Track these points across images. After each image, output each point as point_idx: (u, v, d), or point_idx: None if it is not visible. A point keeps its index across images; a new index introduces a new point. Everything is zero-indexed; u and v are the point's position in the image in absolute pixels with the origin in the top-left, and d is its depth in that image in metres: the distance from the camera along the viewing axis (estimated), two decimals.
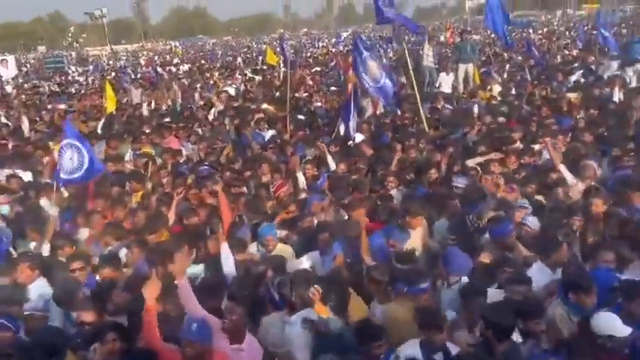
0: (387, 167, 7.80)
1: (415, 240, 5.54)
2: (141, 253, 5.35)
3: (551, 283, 4.44)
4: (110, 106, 13.29)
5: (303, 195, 6.89)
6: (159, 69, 30.82)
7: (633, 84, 13.17)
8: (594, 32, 30.29)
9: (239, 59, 36.31)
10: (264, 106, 14.34)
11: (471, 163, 7.40)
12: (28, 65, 48.73)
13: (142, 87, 20.89)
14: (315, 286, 4.16)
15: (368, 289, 4.65)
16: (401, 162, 8.00)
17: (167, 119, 13.35)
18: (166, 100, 17.07)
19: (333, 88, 17.19)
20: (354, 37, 12.71)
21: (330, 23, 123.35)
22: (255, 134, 10.77)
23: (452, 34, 33.13)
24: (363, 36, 17.55)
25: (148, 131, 11.03)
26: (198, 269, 5.29)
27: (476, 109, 11.37)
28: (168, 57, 49.68)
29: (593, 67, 16.22)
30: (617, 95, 11.00)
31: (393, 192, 7.00)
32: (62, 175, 6.48)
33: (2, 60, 31.24)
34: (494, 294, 4.26)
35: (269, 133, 10.94)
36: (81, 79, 32.12)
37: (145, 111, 14.78)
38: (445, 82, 15.17)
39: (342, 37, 43.63)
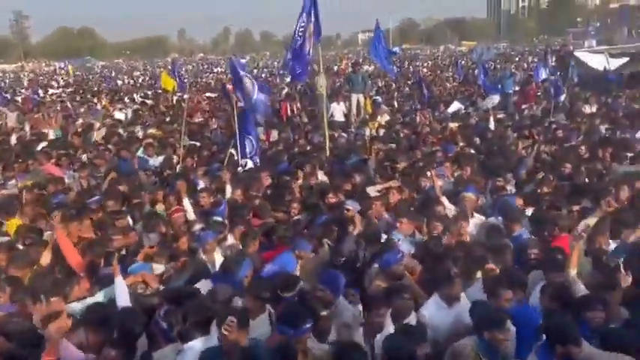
0: (288, 194, 7.75)
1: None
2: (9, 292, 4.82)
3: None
4: None
5: (196, 226, 6.60)
6: (40, 91, 28.77)
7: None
8: (473, 66, 33.26)
9: (127, 82, 34.97)
10: (152, 131, 13.84)
11: (371, 190, 7.58)
12: None
13: (20, 110, 19.25)
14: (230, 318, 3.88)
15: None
16: (302, 188, 8.05)
17: (44, 144, 12.34)
18: (46, 125, 15.86)
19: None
20: (230, 60, 12.74)
21: (227, 50, 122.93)
22: (142, 160, 10.31)
23: (346, 65, 34.54)
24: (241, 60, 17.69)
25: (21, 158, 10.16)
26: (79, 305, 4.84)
27: (366, 136, 11.88)
28: (56, 79, 46.48)
29: (476, 98, 17.71)
30: (492, 124, 12.05)
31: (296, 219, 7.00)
32: None
33: None
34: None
35: (158, 159, 10.52)
36: None
37: (13, 138, 13.51)
38: (337, 111, 15.62)
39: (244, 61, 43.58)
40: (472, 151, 10.11)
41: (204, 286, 5.07)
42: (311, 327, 3.88)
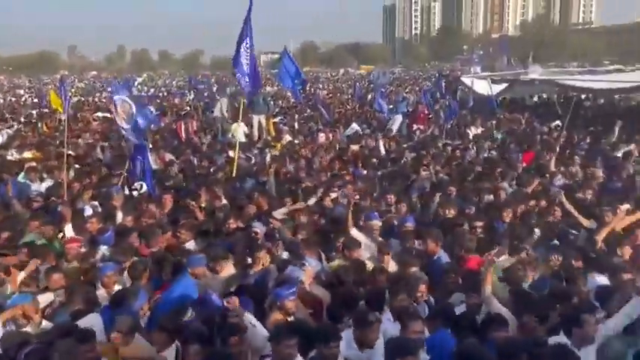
0: (185, 218, 7.45)
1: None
2: None
3: None
4: None
5: (97, 257, 6.15)
6: None
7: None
8: (371, 87, 34.59)
9: (9, 100, 32.34)
10: (27, 154, 12.82)
11: (277, 214, 7.48)
12: None
13: None
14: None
15: None
16: (206, 211, 7.82)
17: None
18: None
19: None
20: (112, 83, 12.36)
21: (123, 68, 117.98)
22: (24, 186, 9.49)
23: None
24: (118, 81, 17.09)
25: None
26: None
27: (268, 158, 11.84)
28: None
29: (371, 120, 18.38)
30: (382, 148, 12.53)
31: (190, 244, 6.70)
32: None
33: None
34: None
35: (43, 185, 9.70)
36: None
37: None
38: (239, 132, 15.48)
39: (136, 83, 42.00)
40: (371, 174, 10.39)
41: (91, 320, 4.70)
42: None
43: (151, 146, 11.15)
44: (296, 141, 14.63)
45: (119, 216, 7.58)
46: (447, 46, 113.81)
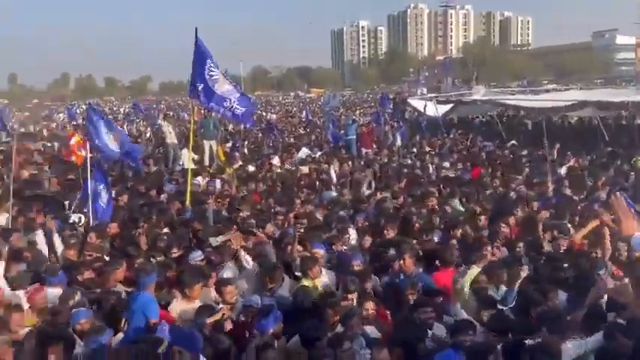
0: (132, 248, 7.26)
1: None
2: None
3: None
4: None
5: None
6: None
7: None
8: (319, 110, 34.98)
9: None
10: None
11: (213, 241, 7.39)
12: None
13: None
14: None
15: None
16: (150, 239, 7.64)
17: None
18: None
19: None
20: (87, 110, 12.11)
21: (66, 95, 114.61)
22: None
23: (199, 111, 34.10)
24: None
25: None
26: None
27: (218, 185, 11.75)
28: None
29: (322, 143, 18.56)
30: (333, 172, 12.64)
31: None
32: None
33: None
34: None
35: None
36: None
37: None
38: (187, 159, 15.30)
39: (79, 111, 40.87)
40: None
41: None
42: None
43: None
44: (251, 167, 14.53)
45: (60, 249, 7.35)
46: (394, 69, 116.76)
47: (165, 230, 8.22)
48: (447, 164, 14.07)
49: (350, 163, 14.49)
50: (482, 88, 32.10)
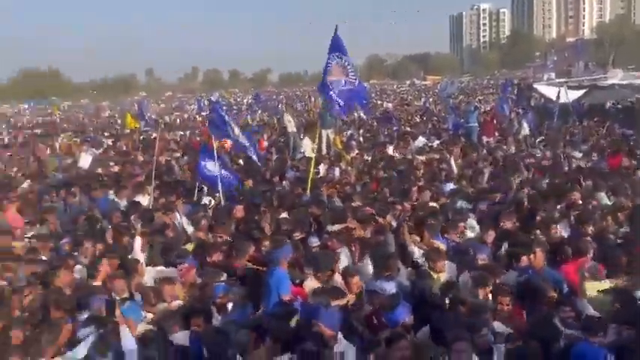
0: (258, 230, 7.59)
1: None
2: None
3: None
4: None
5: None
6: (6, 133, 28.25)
7: None
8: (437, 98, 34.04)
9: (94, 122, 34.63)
10: (112, 169, 13.69)
11: (332, 227, 7.51)
12: None
13: None
14: None
15: None
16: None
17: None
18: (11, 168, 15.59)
19: None
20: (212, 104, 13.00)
21: (195, 88, 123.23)
22: (104, 200, 10.09)
23: (315, 102, 35.00)
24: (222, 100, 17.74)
25: None
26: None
27: (337, 173, 11.94)
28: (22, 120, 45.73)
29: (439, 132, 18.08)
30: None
31: None
32: None
33: None
34: None
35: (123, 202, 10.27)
36: None
37: None
38: (308, 147, 15.72)
39: (206, 102, 43.70)
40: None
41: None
42: None
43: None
44: (366, 157, 14.58)
45: (189, 230, 7.92)
46: (517, 53, 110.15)
47: (284, 215, 8.48)
48: (577, 154, 13.03)
49: (473, 152, 13.90)
50: (619, 72, 29.24)
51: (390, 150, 15.24)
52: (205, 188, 10.45)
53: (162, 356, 4.23)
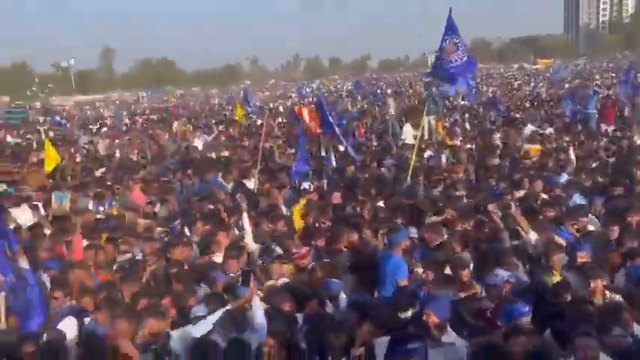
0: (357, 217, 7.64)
1: None
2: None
3: None
4: (49, 165, 12.40)
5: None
6: (127, 119, 30.75)
7: None
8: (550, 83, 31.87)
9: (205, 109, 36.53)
10: (222, 154, 14.34)
11: (430, 218, 7.36)
12: None
13: (109, 137, 20.73)
14: None
15: None
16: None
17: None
18: (133, 151, 16.97)
19: None
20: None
21: (296, 77, 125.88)
22: (214, 181, 10.63)
23: (417, 88, 34.37)
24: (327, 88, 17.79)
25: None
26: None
27: (444, 160, 11.67)
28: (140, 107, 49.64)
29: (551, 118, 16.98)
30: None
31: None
32: None
33: None
34: None
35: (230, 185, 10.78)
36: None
37: (104, 164, 14.19)
38: (408, 134, 15.50)
39: (308, 90, 44.53)
40: None
41: None
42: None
43: None
44: (468, 145, 14.08)
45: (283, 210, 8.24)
46: None
47: (381, 204, 8.43)
48: None
49: (593, 141, 12.87)
50: None
51: (498, 137, 14.58)
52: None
53: (289, 332, 4.38)
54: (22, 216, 8.46)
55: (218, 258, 6.29)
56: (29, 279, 5.12)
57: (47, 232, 7.64)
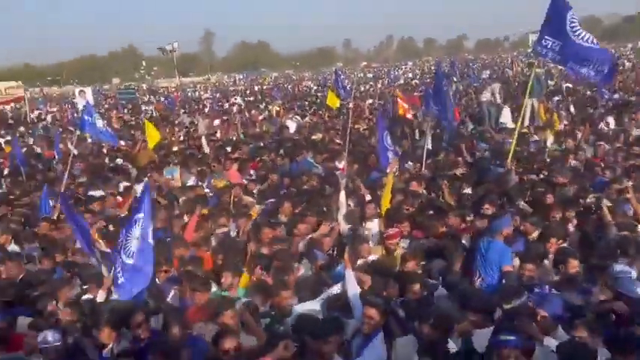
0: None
1: None
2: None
3: None
4: (152, 143, 13.22)
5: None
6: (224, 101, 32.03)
7: None
8: None
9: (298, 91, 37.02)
10: (315, 136, 14.53)
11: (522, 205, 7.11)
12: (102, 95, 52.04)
13: (209, 118, 21.79)
14: None
15: None
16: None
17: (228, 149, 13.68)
18: (231, 131, 17.73)
19: None
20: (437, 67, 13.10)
21: (389, 57, 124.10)
22: (306, 162, 10.86)
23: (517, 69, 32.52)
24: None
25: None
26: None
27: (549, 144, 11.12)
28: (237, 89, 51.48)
29: None
30: None
31: None
32: None
33: (81, 91, 33.24)
34: None
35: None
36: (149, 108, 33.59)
37: (204, 143, 14.80)
38: (507, 118, 14.81)
39: (401, 71, 43.66)
40: None
41: None
42: None
43: None
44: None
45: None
46: None
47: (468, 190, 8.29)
48: None
49: None
50: None
51: (611, 122, 13.52)
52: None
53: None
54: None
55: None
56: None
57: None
